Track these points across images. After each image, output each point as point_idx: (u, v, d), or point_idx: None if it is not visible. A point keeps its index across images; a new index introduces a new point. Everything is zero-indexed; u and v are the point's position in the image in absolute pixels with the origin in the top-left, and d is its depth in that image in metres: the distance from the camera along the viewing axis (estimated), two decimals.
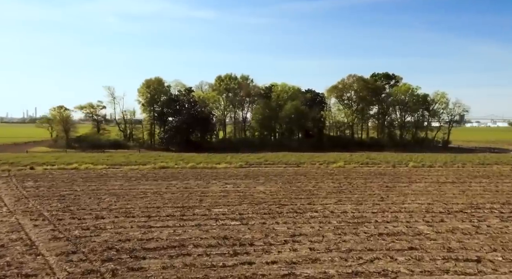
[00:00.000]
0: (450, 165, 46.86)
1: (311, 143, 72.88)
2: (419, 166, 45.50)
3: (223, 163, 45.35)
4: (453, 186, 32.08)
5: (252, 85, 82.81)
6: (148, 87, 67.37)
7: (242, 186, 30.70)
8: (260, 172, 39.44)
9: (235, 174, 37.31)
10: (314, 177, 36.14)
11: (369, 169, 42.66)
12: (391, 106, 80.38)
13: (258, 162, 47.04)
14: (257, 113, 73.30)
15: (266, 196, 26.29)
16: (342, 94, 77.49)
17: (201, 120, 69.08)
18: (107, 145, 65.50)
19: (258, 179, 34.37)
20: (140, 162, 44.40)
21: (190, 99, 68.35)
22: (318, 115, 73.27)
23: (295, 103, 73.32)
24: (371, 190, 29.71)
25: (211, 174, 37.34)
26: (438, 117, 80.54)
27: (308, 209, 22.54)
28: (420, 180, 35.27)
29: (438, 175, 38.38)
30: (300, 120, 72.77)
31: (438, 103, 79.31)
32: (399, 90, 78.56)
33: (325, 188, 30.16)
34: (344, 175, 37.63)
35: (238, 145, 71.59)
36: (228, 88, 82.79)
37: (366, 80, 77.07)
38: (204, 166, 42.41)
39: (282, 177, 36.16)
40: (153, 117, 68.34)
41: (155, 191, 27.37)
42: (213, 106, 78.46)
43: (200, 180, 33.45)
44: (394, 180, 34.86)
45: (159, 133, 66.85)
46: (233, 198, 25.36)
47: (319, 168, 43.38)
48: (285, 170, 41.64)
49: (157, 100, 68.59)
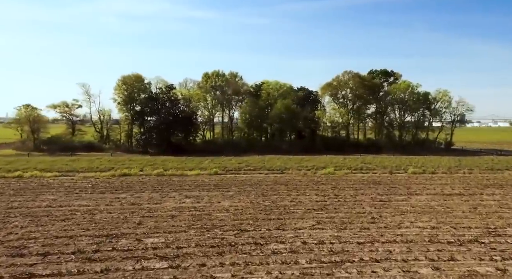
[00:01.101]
0: (454, 171, 41.40)
1: (303, 144, 67.38)
2: (420, 172, 40.04)
3: (196, 169, 39.90)
4: (461, 199, 26.61)
5: (241, 83, 77.28)
6: (124, 84, 61.85)
7: (204, 200, 25.26)
8: (235, 180, 34.00)
9: (204, 184, 31.87)
10: (296, 187, 30.70)
11: (362, 176, 37.20)
12: (389, 105, 74.80)
13: (238, 168, 41.60)
14: (244, 113, 67.71)
15: (227, 216, 20.85)
16: (337, 92, 71.95)
17: (183, 120, 63.58)
18: (79, 147, 60.07)
19: (229, 190, 28.93)
20: (102, 168, 38.97)
21: (171, 97, 62.78)
22: (310, 115, 67.70)
23: (286, 101, 67.85)
24: (361, 205, 24.27)
25: (176, 183, 31.89)
26: (440, 117, 74.85)
27: (274, 237, 17.10)
28: (421, 190, 29.83)
29: (442, 184, 32.92)
30: (291, 120, 67.34)
31: (440, 102, 73.81)
32: (398, 88, 72.92)
33: (305, 203, 24.71)
34: (332, 184, 32.18)
35: (224, 147, 66.13)
36: (215, 86, 77.36)
37: (363, 77, 71.55)
38: (173, 172, 36.96)
39: (258, 187, 30.72)
40: (130, 117, 62.80)
41: (89, 209, 21.91)
42: (199, 106, 72.97)
43: (158, 191, 28.00)
44: (390, 191, 29.41)
45: (136, 134, 61.31)
46: (183, 220, 19.92)
47: (305, 175, 37.92)
48: (265, 177, 36.20)
49: (135, 99, 63.11)
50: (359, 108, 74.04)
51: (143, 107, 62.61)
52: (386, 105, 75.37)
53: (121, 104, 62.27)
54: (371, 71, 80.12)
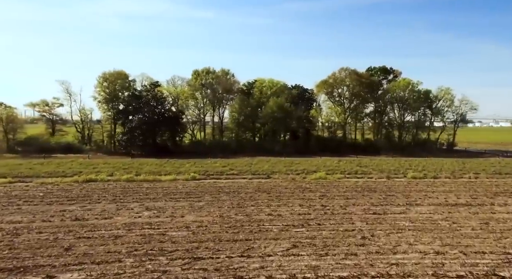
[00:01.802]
0: (459, 175, 37.56)
1: (297, 145, 63.55)
2: (420, 177, 36.20)
3: (174, 173, 36.09)
4: (469, 211, 22.78)
5: (233, 80, 73.40)
6: (106, 81, 57.93)
7: (166, 213, 21.44)
8: (212, 187, 30.18)
9: (176, 191, 28.05)
10: (280, 196, 26.88)
11: (356, 182, 33.35)
12: (388, 104, 70.90)
13: (220, 172, 37.79)
14: (234, 112, 63.80)
15: (184, 237, 17.03)
16: (333, 90, 68.08)
17: (169, 120, 59.76)
18: (57, 149, 56.26)
19: (200, 200, 25.10)
20: (68, 173, 35.18)
21: (155, 95, 58.88)
22: (304, 114, 63.78)
23: (279, 100, 64.01)
24: (351, 220, 20.44)
25: (142, 190, 28.08)
26: (442, 117, 70.84)
27: (233, 269, 13.29)
28: (421, 199, 26.00)
29: (446, 191, 29.08)
30: (285, 119, 63.51)
31: (442, 100, 69.87)
32: (397, 85, 68.99)
33: (284, 217, 20.88)
34: (321, 192, 28.36)
35: (213, 148, 62.30)
36: (205, 84, 73.53)
37: (360, 75, 67.61)
38: (145, 178, 33.12)
39: (236, 195, 26.91)
40: (112, 117, 58.92)
41: (18, 228, 18.10)
42: (188, 104, 69.13)
43: (117, 201, 24.18)
44: (386, 200, 25.58)
45: (117, 135, 57.40)
46: (127, 242, 16.10)
47: (293, 180, 34.09)
48: (248, 183, 32.38)
49: (118, 97, 59.26)
50: (356, 107, 70.17)
51: (125, 106, 58.76)
52: (385, 104, 71.47)
53: (102, 102, 58.42)
54: (369, 68, 76.30)
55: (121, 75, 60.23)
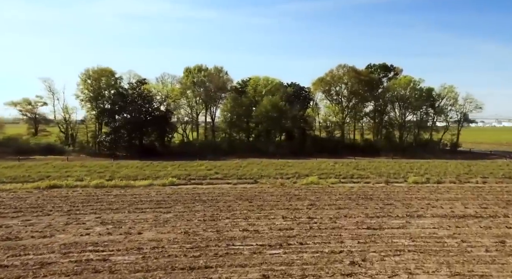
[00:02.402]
0: (465, 179, 34.20)
1: (292, 146, 60.23)
2: (423, 182, 32.85)
3: (151, 178, 32.84)
4: (480, 225, 19.46)
5: (226, 78, 70.09)
6: (89, 79, 54.66)
7: (123, 228, 18.19)
8: (188, 194, 26.91)
9: (145, 199, 24.80)
10: (262, 205, 23.59)
11: (351, 188, 30.03)
12: (389, 102, 67.47)
13: (204, 176, 34.52)
14: (226, 111, 60.46)
15: (130, 264, 13.74)
16: (330, 88, 64.70)
17: (157, 119, 56.52)
18: (37, 150, 53.07)
19: (170, 211, 21.85)
20: (34, 177, 31.94)
21: (141, 93, 55.59)
22: (299, 113, 60.40)
23: (273, 98, 60.71)
24: (340, 237, 17.14)
25: (108, 199, 24.82)
26: (445, 116, 67.33)
27: None
28: (424, 210, 22.68)
29: (451, 200, 25.75)
30: (279, 119, 60.24)
31: (445, 98, 66.42)
32: (398, 83, 65.51)
33: (261, 233, 17.61)
34: (310, 200, 25.06)
35: (204, 149, 59.02)
36: (197, 82, 70.31)
37: (359, 72, 64.21)
38: (117, 183, 29.85)
39: (213, 204, 23.64)
40: (96, 116, 55.67)
41: None
42: (179, 103, 65.86)
43: (71, 213, 20.94)
44: (383, 211, 22.26)
45: (100, 135, 54.10)
46: (48, 275, 12.81)
47: (282, 185, 30.78)
48: (230, 189, 29.11)
49: (104, 95, 56.04)
50: (355, 106, 66.77)
51: (110, 105, 55.53)
52: (385, 103, 68.04)
53: (85, 101, 55.21)
54: (369, 65, 72.91)
55: (106, 72, 56.94)
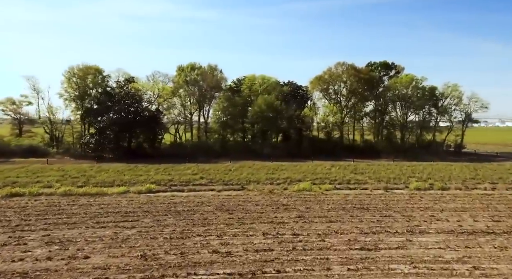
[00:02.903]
0: (472, 185, 31.30)
1: (288, 148, 57.39)
2: (426, 188, 29.99)
3: (129, 184, 30.11)
4: (493, 244, 16.61)
5: (220, 77, 67.30)
6: (73, 77, 51.86)
7: (70, 250, 15.44)
8: (164, 203, 24.14)
9: (112, 211, 22.03)
10: (244, 217, 20.80)
11: (346, 195, 27.19)
12: (390, 102, 64.52)
13: (188, 181, 31.74)
14: (218, 111, 57.64)
15: None
16: (329, 87, 61.81)
17: (146, 119, 53.79)
18: (19, 152, 50.39)
19: (135, 225, 19.09)
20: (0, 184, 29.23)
21: (129, 92, 52.81)
22: (296, 113, 57.51)
23: (268, 98, 57.90)
24: (327, 261, 14.31)
25: (71, 210, 22.08)
26: (449, 116, 64.32)
27: None
28: (427, 223, 19.83)
29: (458, 210, 22.88)
30: (275, 119, 57.43)
31: (449, 98, 63.44)
32: (400, 82, 62.56)
33: (234, 256, 14.80)
34: (299, 211, 22.26)
35: (195, 151, 56.25)
36: (190, 80, 67.62)
37: (359, 70, 61.29)
38: (88, 191, 27.08)
39: (188, 216, 20.88)
40: (81, 116, 52.93)
41: None
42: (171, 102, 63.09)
43: (18, 229, 18.22)
44: (380, 225, 19.43)
45: (84, 137, 51.29)
46: None
47: (271, 192, 27.97)
48: (213, 197, 26.33)
49: (90, 94, 53.32)
50: (354, 106, 63.83)
51: (96, 104, 52.79)
52: (386, 102, 65.07)
53: (69, 100, 52.51)
54: (369, 63, 70.03)
55: (92, 70, 54.22)
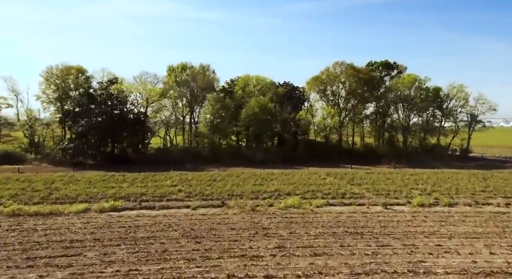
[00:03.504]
0: (483, 200, 27.68)
1: (283, 153, 53.75)
2: (431, 204, 26.36)
3: (92, 200, 26.61)
4: None
5: (212, 77, 63.72)
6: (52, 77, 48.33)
7: None
8: (123, 227, 20.66)
9: (53, 240, 18.61)
10: (211, 249, 17.29)
11: (339, 214, 23.59)
12: (392, 103, 60.86)
13: (162, 194, 28.26)
14: (208, 114, 53.98)
15: None
16: (326, 88, 58.08)
17: (131, 123, 50.38)
18: None
19: (72, 262, 15.63)
20: None
21: (111, 95, 49.27)
22: (290, 116, 53.81)
23: (261, 99, 54.29)
24: None
25: (2, 241, 18.63)
26: (455, 118, 60.50)
27: None
28: (433, 256, 16.25)
29: (469, 236, 19.27)
30: (269, 122, 53.83)
31: (454, 99, 59.60)
32: (402, 82, 58.79)
33: None
34: (280, 238, 18.72)
35: (182, 156, 52.81)
36: (180, 81, 64.25)
37: (358, 70, 57.53)
38: (41, 209, 23.59)
39: (145, 247, 17.40)
40: (60, 120, 49.50)
41: None
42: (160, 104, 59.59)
43: None
44: (375, 259, 15.85)
45: (62, 142, 47.79)
46: None
47: (253, 211, 24.43)
48: (184, 218, 22.84)
49: (70, 96, 49.91)
50: (354, 108, 60.12)
51: (76, 107, 49.36)
52: (388, 104, 61.35)
53: (47, 102, 49.14)
54: (370, 63, 66.43)
55: (73, 70, 50.83)
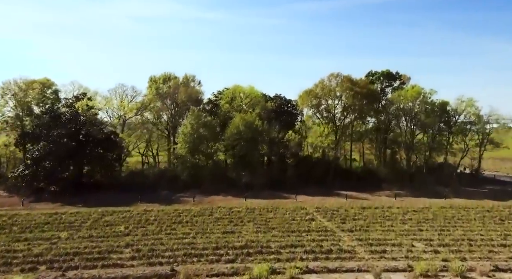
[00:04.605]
0: (504, 263, 21.63)
1: (271, 176, 47.84)
2: (436, 272, 20.37)
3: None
4: None
5: (195, 90, 57.81)
6: (8, 93, 42.71)
7: None
8: None
9: None
10: None
11: None
12: (393, 119, 54.83)
13: (99, 255, 22.56)
14: (187, 132, 47.76)
15: None
16: (320, 103, 51.64)
17: (99, 143, 44.82)
18: None
19: None
20: None
21: (76, 114, 43.45)
22: (279, 136, 47.76)
23: (247, 116, 48.36)
24: None
25: None
26: (464, 136, 54.16)
27: None
28: None
29: None
30: (255, 142, 47.99)
31: (463, 114, 53.28)
32: (405, 95, 52.66)
33: None
34: None
35: (158, 180, 47.13)
36: (161, 93, 58.88)
37: (355, 82, 51.07)
38: None
39: None
40: (16, 142, 43.93)
41: None
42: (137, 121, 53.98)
43: None
44: None
45: (15, 169, 42.21)
46: None
47: None
48: None
49: (30, 114, 44.43)
50: (352, 123, 53.86)
51: (38, 127, 43.89)
52: (389, 119, 55.29)
53: (1, 122, 43.67)
54: (369, 73, 60.30)
55: (36, 85, 45.38)
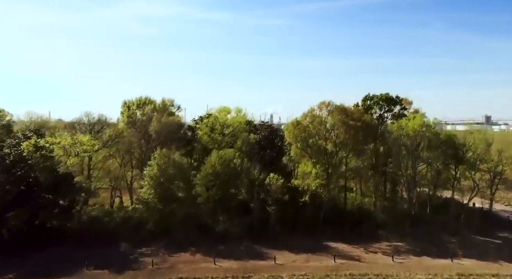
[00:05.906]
0: None
1: (251, 223, 41.37)
2: None
3: None
4: None
5: (171, 119, 51.31)
6: None
7: None
8: None
9: None
10: None
11: None
12: (393, 151, 48.26)
13: None
14: (153, 175, 41.05)
15: None
16: (307, 139, 44.58)
17: (51, 186, 38.69)
18: None
19: None
20: None
21: (21, 155, 37.45)
22: (259, 178, 41.35)
23: (224, 153, 42.12)
24: None
25: None
26: (474, 170, 47.47)
27: None
28: None
29: None
30: (233, 183, 41.77)
31: (471, 149, 46.33)
32: (406, 125, 46.11)
33: None
34: None
35: (120, 228, 40.97)
36: (133, 121, 52.99)
37: (349, 113, 44.30)
38: None
39: None
40: None
41: None
42: (103, 156, 47.64)
43: None
44: None
45: None
46: None
47: None
48: None
49: None
50: (346, 160, 46.84)
51: None
52: (389, 152, 48.70)
53: None
54: (367, 96, 53.74)
55: None
